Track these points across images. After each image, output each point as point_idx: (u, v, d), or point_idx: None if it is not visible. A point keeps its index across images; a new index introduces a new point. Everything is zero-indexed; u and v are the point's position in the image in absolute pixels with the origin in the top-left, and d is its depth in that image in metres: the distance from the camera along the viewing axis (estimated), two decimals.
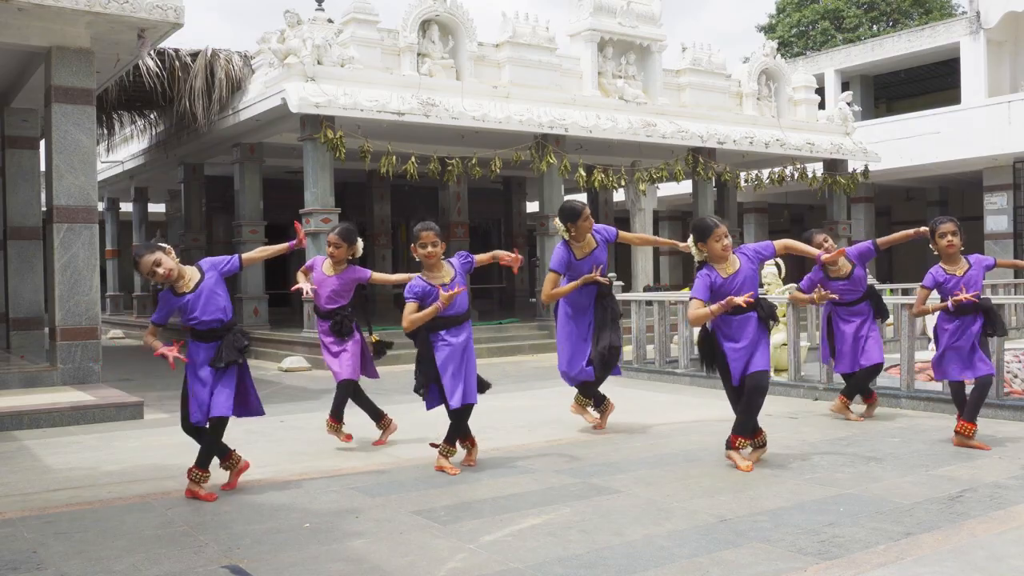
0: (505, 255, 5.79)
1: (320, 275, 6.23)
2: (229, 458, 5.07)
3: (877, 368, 6.99)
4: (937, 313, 5.97)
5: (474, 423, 7.19)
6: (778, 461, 5.65)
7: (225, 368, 4.88)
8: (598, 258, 6.43)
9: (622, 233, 6.74)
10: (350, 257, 6.27)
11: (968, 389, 5.94)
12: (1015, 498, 4.65)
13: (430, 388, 5.39)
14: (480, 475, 5.38)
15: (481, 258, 5.74)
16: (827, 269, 6.81)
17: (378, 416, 6.37)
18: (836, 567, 3.63)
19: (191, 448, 5.14)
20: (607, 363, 6.49)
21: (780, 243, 5.61)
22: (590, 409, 6.83)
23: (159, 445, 6.33)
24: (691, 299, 5.32)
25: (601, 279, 6.34)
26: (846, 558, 3.73)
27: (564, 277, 6.40)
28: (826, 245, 6.73)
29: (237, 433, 6.93)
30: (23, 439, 6.85)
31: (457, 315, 5.38)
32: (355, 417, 7.44)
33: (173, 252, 4.97)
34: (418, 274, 5.43)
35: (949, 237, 5.82)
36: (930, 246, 5.99)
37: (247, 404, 5.10)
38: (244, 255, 5.26)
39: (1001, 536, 4.02)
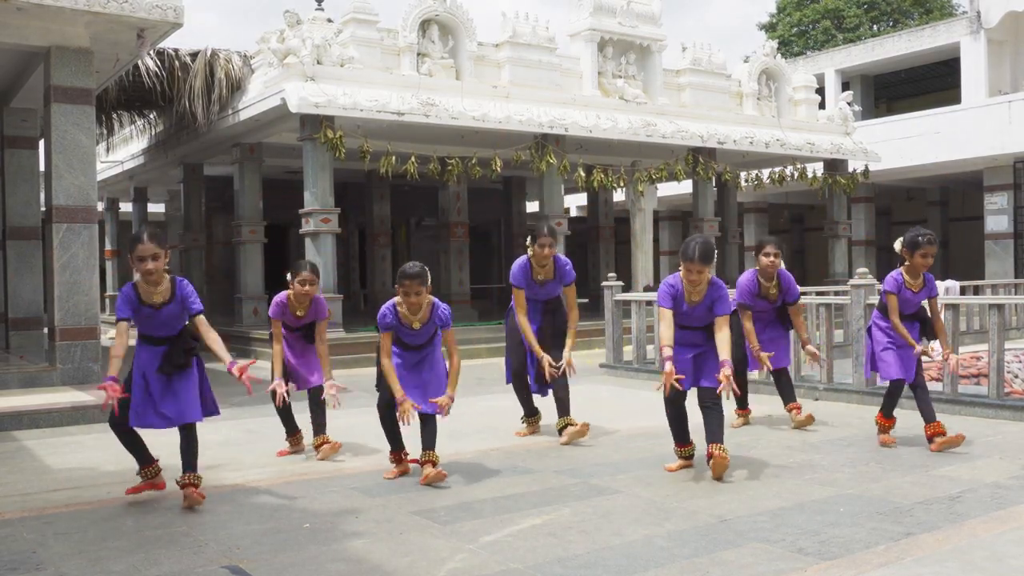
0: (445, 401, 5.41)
1: (292, 319, 6.10)
2: (150, 466, 4.96)
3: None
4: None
5: (474, 423, 7.21)
6: (778, 461, 5.65)
7: (171, 374, 4.80)
8: (552, 288, 6.49)
9: (567, 290, 6.54)
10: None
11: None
12: (1015, 498, 4.65)
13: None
14: (480, 475, 5.38)
15: (449, 342, 5.44)
16: (761, 286, 6.83)
17: (293, 430, 6.21)
18: (836, 567, 3.63)
19: None
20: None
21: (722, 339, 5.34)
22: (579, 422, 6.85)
23: (159, 445, 6.30)
24: (658, 307, 5.32)
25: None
26: (846, 558, 3.73)
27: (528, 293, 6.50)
28: (772, 259, 6.77)
29: (237, 433, 6.95)
30: (23, 439, 6.85)
31: (414, 345, 5.36)
32: (349, 419, 7.45)
33: (168, 257, 4.85)
34: (393, 300, 5.34)
35: (930, 259, 5.90)
36: (903, 252, 5.98)
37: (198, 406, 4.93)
38: (201, 322, 4.96)
39: (1001, 536, 4.02)
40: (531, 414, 6.77)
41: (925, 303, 6.11)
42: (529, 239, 6.44)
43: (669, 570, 3.62)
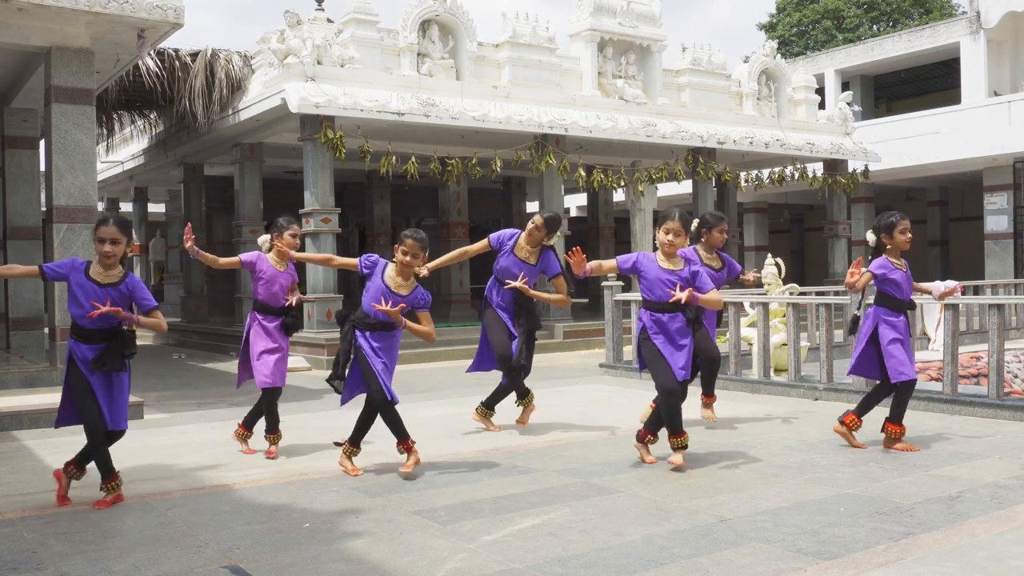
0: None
1: (272, 270, 6.01)
2: (113, 479, 4.83)
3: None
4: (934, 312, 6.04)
5: (474, 423, 7.20)
6: (778, 461, 5.65)
7: (105, 372, 4.68)
8: (529, 271, 6.50)
9: (556, 281, 6.57)
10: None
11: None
12: (1015, 498, 4.65)
13: (348, 383, 5.39)
14: (480, 475, 5.38)
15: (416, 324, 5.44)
16: (701, 253, 6.76)
17: (274, 428, 6.10)
18: (836, 567, 3.63)
19: (191, 448, 5.13)
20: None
21: (706, 297, 5.44)
22: (492, 419, 6.91)
23: (159, 445, 6.33)
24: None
25: (516, 285, 6.41)
26: (846, 558, 3.73)
27: (497, 263, 6.59)
28: (722, 235, 6.81)
29: None
30: (23, 439, 6.85)
31: (382, 322, 5.31)
32: (349, 419, 7.44)
33: (127, 247, 4.83)
34: (388, 261, 5.41)
35: (909, 234, 5.91)
36: (882, 238, 5.92)
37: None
38: (156, 314, 4.88)
39: (1001, 536, 4.02)
40: (523, 395, 6.81)
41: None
42: (547, 225, 6.53)
43: (669, 570, 3.63)
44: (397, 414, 5.35)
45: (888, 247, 5.93)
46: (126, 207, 23.48)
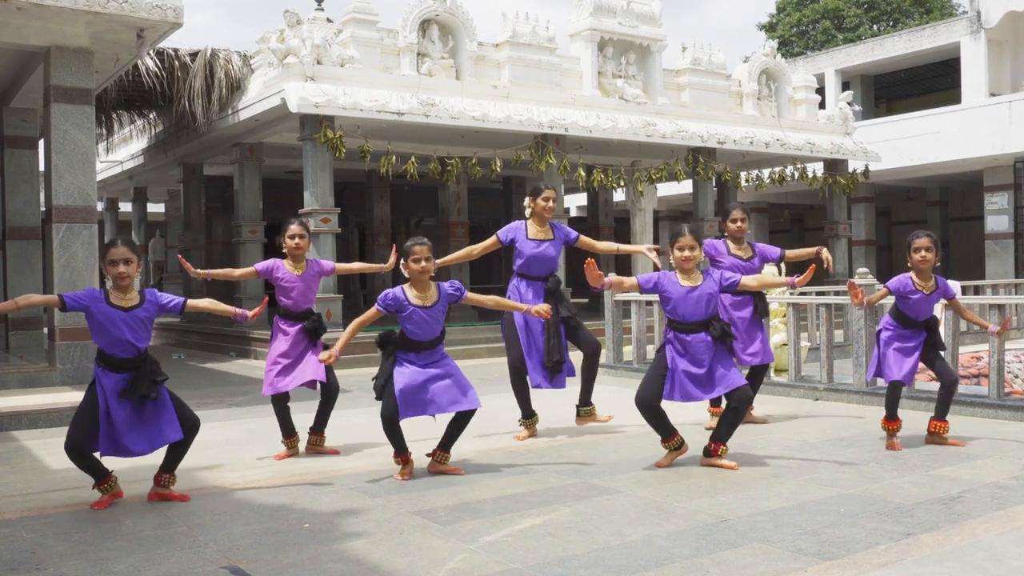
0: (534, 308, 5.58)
1: (289, 276, 5.99)
2: (107, 480, 4.81)
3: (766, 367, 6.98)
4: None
5: (474, 423, 7.15)
6: (778, 461, 5.65)
7: (140, 400, 4.67)
8: (555, 246, 6.47)
9: (583, 238, 6.65)
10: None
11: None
12: (1015, 498, 4.65)
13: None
14: (480, 475, 5.38)
15: (476, 299, 5.49)
16: (730, 245, 6.81)
17: (290, 432, 6.09)
18: (836, 567, 3.63)
19: (191, 448, 5.11)
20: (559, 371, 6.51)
21: (749, 279, 5.64)
22: (596, 412, 6.83)
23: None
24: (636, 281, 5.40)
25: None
26: (846, 558, 3.73)
27: (516, 256, 6.51)
28: (740, 224, 6.80)
29: (237, 433, 6.95)
30: (23, 439, 6.84)
31: (428, 340, 5.28)
32: (349, 419, 7.45)
33: (139, 264, 4.83)
34: (401, 287, 5.34)
35: (923, 252, 5.85)
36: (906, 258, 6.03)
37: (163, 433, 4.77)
38: (190, 301, 4.99)
39: (1001, 536, 4.01)
40: (528, 416, 6.71)
41: (937, 313, 6.09)
42: (529, 196, 6.53)
43: (669, 570, 3.62)
44: (396, 429, 5.28)
45: (909, 264, 5.96)
46: (125, 207, 23.47)
